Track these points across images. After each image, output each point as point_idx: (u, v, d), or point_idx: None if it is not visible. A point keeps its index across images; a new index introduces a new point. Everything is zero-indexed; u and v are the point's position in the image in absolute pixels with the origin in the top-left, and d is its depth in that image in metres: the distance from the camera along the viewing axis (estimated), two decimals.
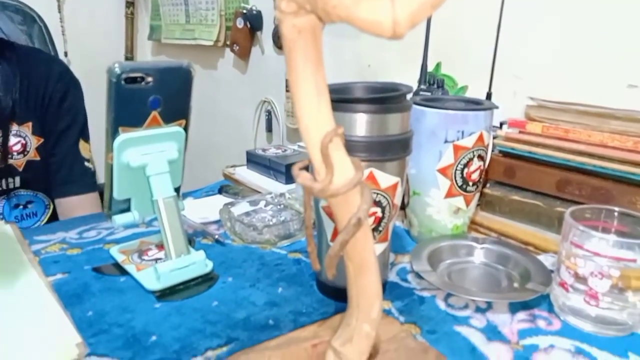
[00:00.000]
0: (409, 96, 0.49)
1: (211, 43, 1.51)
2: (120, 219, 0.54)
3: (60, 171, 0.87)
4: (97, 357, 0.41)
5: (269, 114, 1.38)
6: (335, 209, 0.29)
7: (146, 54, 1.96)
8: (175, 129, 0.52)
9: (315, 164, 0.27)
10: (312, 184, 0.27)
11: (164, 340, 0.44)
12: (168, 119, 0.51)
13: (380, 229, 0.48)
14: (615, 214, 0.49)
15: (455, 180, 0.59)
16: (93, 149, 0.90)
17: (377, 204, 0.47)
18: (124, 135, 0.48)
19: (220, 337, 0.44)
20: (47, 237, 0.64)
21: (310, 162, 0.28)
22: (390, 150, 0.45)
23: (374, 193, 0.46)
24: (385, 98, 0.45)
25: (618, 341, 0.45)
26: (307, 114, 0.26)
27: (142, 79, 0.47)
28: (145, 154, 0.50)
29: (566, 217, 0.47)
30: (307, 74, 0.26)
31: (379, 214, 0.47)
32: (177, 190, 0.55)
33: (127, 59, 1.86)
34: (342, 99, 0.43)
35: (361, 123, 0.44)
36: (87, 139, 0.90)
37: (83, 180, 0.89)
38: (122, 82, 0.46)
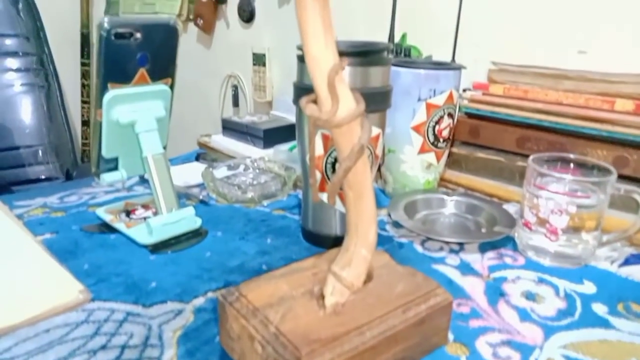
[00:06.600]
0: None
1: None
2: (108, 177, 0.55)
3: None
4: (101, 301, 0.43)
5: (235, 88, 1.38)
6: (338, 138, 0.32)
7: None
8: (162, 87, 0.53)
9: (322, 95, 0.30)
10: (318, 115, 0.30)
11: (164, 285, 0.46)
12: (155, 76, 0.52)
13: None
14: (571, 163, 0.55)
15: (428, 137, 0.63)
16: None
17: None
18: (113, 91, 0.49)
19: (218, 281, 0.47)
20: (26, 202, 0.64)
21: (316, 96, 0.31)
22: (373, 102, 0.48)
23: None
24: (367, 52, 0.48)
25: (574, 272, 0.51)
26: (315, 46, 0.29)
27: (131, 34, 0.48)
28: (133, 111, 0.51)
29: (529, 163, 0.52)
30: (315, 11, 0.28)
31: None
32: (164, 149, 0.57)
33: (82, 35, 1.80)
34: None
35: (345, 76, 0.47)
36: None
37: None
38: (112, 37, 0.47)
